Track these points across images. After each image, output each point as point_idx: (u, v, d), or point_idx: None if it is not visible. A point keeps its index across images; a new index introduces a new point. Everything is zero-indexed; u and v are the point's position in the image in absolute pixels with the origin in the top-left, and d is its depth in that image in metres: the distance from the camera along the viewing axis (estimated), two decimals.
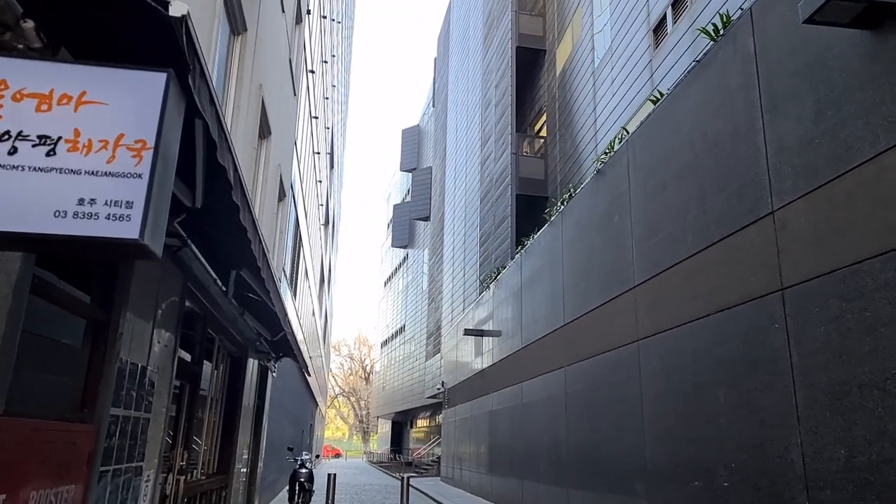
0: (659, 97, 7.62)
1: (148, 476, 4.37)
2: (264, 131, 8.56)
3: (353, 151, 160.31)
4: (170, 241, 3.99)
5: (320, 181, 21.46)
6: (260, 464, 10.56)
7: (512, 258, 15.28)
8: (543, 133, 19.47)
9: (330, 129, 25.81)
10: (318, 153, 19.28)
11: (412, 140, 44.38)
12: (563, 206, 10.81)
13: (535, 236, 12.49)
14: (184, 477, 5.20)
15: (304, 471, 11.34)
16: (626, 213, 8.09)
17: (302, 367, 10.50)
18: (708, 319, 5.95)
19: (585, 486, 8.87)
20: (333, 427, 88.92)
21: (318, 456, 12.55)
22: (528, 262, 12.81)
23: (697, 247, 6.23)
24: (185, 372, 5.57)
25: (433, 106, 36.67)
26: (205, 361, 6.71)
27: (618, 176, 8.46)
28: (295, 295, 15.73)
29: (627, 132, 8.60)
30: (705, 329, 6.00)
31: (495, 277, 15.78)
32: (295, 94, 10.80)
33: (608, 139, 13.96)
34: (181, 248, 4.24)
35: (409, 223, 42.98)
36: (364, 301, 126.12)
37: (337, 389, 75.74)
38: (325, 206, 26.63)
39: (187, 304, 5.11)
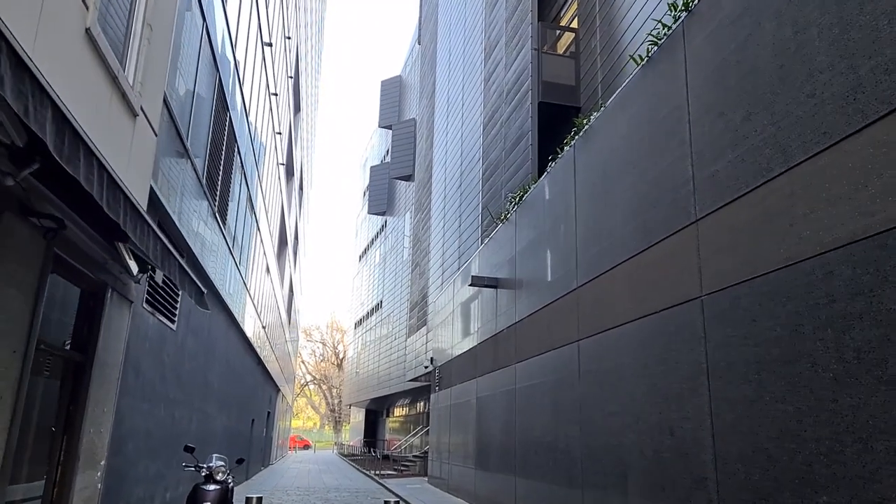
0: None
1: None
2: None
3: (325, 129, 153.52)
4: None
5: (275, 94, 16.39)
6: (92, 483, 5.44)
7: (534, 184, 10.51)
8: (574, 25, 14.64)
9: (294, 52, 20.69)
10: (270, 44, 14.21)
11: (392, 92, 39.14)
12: (683, 16, 6.04)
13: (609, 102, 7.70)
14: None
15: (211, 488, 6.44)
16: None
17: (189, 292, 5.58)
18: None
19: None
20: (304, 416, 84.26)
21: (240, 461, 7.38)
22: (588, 151, 8.05)
23: None
24: None
25: (419, 43, 31.54)
26: None
27: None
28: (222, 219, 10.73)
29: None
30: None
31: (519, 200, 10.98)
32: None
33: None
34: None
35: (388, 185, 37.87)
36: (337, 287, 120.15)
37: (308, 377, 70.60)
38: (286, 141, 21.52)
39: None
